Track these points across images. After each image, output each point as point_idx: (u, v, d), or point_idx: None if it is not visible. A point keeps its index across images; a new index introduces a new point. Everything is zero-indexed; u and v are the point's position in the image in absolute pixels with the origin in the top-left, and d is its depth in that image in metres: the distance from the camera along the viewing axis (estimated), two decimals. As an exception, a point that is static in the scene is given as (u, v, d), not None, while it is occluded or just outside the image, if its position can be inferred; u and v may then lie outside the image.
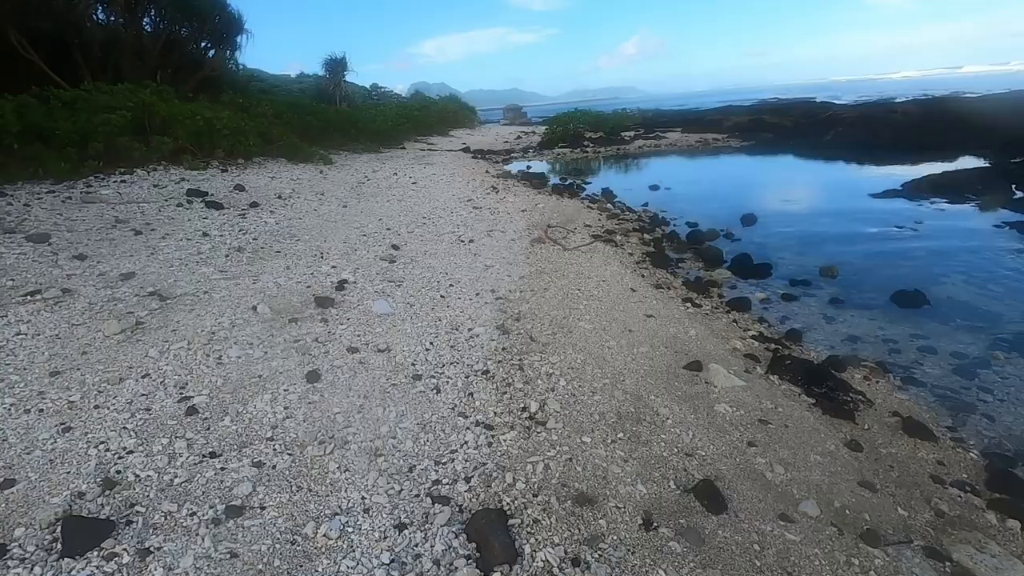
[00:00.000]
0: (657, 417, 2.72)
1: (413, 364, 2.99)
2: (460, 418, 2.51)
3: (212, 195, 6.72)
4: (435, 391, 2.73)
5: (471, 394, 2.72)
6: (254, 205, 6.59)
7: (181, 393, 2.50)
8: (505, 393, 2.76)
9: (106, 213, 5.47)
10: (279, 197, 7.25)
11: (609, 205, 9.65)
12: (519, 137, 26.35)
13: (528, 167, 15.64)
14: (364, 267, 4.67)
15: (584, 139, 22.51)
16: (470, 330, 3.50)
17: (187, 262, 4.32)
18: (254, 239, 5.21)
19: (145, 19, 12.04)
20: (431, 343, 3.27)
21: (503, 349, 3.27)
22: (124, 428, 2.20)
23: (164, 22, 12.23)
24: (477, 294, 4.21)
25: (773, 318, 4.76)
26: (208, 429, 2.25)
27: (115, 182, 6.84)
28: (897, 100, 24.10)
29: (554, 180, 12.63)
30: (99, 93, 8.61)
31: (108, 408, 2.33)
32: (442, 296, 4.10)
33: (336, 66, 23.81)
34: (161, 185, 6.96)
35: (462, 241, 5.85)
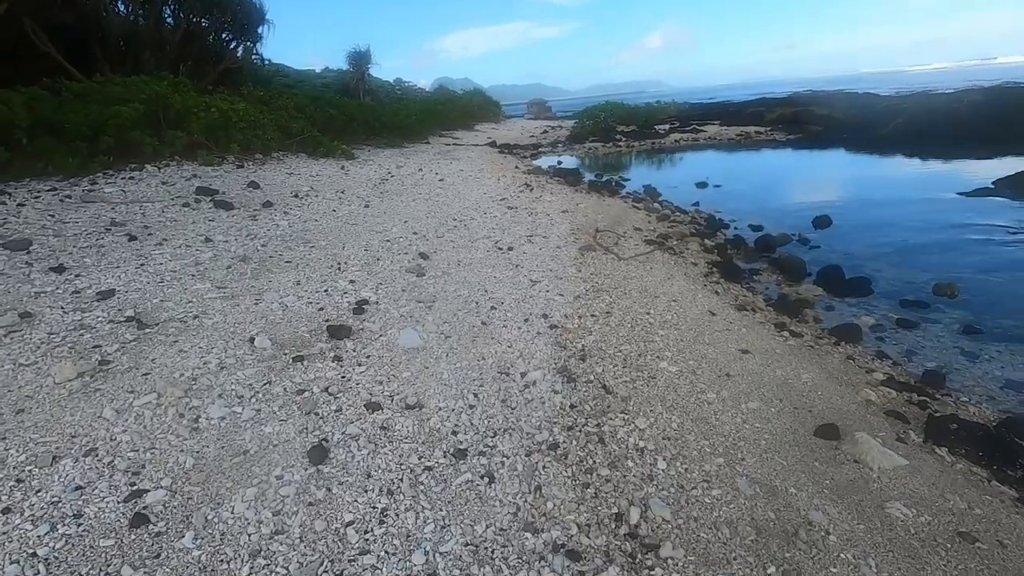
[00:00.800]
0: (812, 530, 1.85)
1: (454, 432, 2.19)
2: (528, 535, 1.69)
3: (223, 193, 6.10)
4: (486, 480, 1.92)
5: (539, 488, 1.90)
6: (267, 205, 5.92)
7: (132, 485, 1.76)
8: (587, 486, 1.94)
9: (103, 214, 4.87)
10: (295, 195, 6.58)
11: (656, 205, 8.68)
12: (545, 132, 25.33)
13: (559, 162, 14.72)
14: (388, 282, 3.91)
15: (616, 133, 21.39)
16: (524, 375, 2.69)
17: (180, 275, 3.64)
18: (262, 246, 4.51)
19: (165, 9, 11.59)
20: (475, 395, 2.47)
21: (572, 407, 2.44)
22: (33, 555, 1.47)
23: (183, 13, 11.77)
24: (526, 320, 3.39)
25: (895, 352, 3.77)
26: (157, 557, 1.50)
27: (123, 179, 6.29)
28: (946, 91, 21.85)
29: (589, 176, 11.69)
30: (112, 84, 8.12)
31: (21, 513, 1.61)
32: (483, 323, 3.30)
33: (360, 59, 23.30)
34: (170, 182, 6.38)
35: (500, 248, 5.03)
